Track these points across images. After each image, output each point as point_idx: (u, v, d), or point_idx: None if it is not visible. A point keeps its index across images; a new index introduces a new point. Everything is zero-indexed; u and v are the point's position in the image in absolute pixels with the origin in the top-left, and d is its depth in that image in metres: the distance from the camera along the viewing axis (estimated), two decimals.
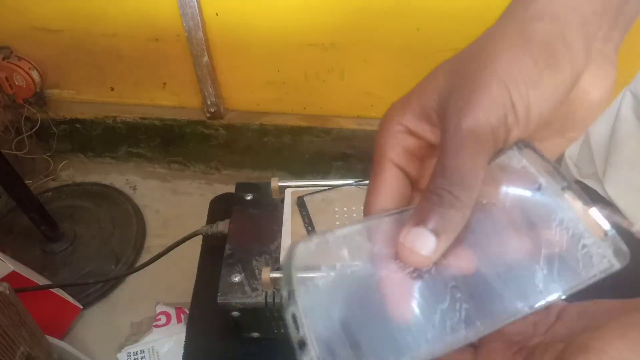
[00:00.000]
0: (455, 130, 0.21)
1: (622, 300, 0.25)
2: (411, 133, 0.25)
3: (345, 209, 0.59)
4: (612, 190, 0.59)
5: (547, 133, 0.25)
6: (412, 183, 0.26)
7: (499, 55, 0.22)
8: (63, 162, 1.53)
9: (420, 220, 0.22)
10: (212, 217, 0.73)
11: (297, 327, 0.21)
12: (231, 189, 0.68)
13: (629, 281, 0.55)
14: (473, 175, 0.22)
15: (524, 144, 0.24)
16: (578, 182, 0.66)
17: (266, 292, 0.54)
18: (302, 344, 0.21)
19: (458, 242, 0.23)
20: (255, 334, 0.61)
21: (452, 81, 0.23)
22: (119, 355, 1.07)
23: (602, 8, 0.24)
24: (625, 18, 0.25)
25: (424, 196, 0.22)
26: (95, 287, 1.22)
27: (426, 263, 0.22)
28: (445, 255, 0.23)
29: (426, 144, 0.25)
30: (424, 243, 0.22)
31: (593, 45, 0.24)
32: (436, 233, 0.22)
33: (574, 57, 0.23)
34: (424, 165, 0.26)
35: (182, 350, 0.63)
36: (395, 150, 0.25)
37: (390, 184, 0.25)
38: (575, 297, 0.25)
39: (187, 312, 1.03)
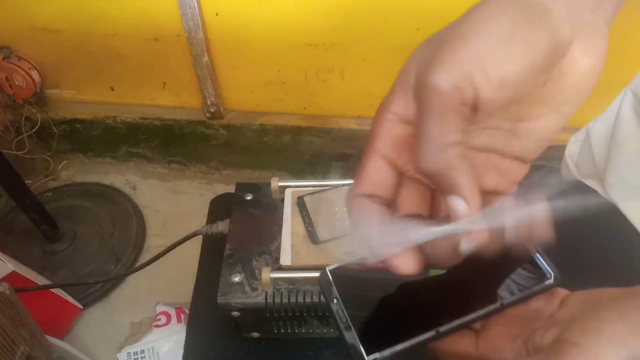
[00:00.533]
0: (421, 89, 0.22)
1: (624, 288, 0.26)
2: (401, 120, 0.24)
3: (345, 208, 0.59)
4: (613, 189, 0.59)
5: (541, 109, 0.25)
6: (400, 172, 0.26)
7: (473, 16, 0.22)
8: (63, 162, 1.53)
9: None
10: (212, 217, 0.73)
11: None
12: (231, 189, 0.68)
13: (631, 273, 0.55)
14: (442, 131, 0.21)
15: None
16: (578, 182, 0.66)
17: (266, 292, 0.54)
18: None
19: None
20: (255, 334, 0.61)
21: (429, 51, 0.23)
22: (119, 355, 1.07)
23: None
24: None
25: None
26: (95, 287, 1.22)
27: (468, 214, 0.23)
28: None
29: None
30: (457, 206, 0.23)
31: (581, 15, 0.24)
32: (456, 194, 0.23)
33: (554, 22, 0.22)
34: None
35: (182, 350, 0.63)
36: (382, 140, 0.25)
37: (373, 174, 0.25)
38: (582, 283, 0.28)
39: (187, 312, 1.03)
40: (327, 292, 0.29)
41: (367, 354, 0.27)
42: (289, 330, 0.60)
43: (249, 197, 0.65)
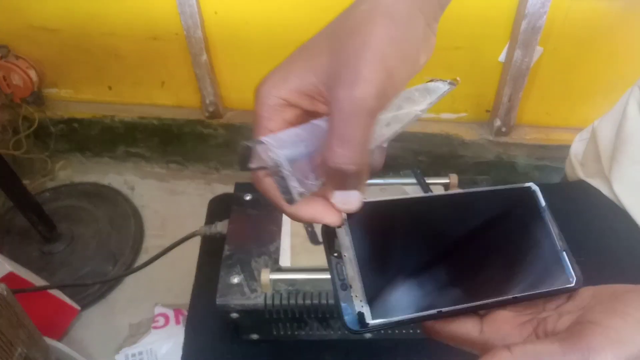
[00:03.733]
0: (349, 100, 0.25)
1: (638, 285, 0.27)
2: (290, 105, 0.28)
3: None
4: (619, 187, 0.59)
5: None
6: None
7: (376, 36, 0.26)
8: (61, 162, 1.53)
9: (337, 188, 0.28)
10: (211, 218, 0.73)
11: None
12: (230, 189, 0.68)
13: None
14: (366, 139, 0.26)
15: None
16: (582, 181, 0.66)
17: (265, 294, 0.54)
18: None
19: None
20: (255, 336, 0.60)
21: (336, 61, 0.26)
22: (117, 357, 1.07)
23: None
24: None
25: (326, 167, 0.26)
26: (94, 288, 1.22)
27: (359, 206, 0.29)
28: None
29: (301, 112, 0.29)
30: (352, 200, 0.28)
31: (428, 24, 0.30)
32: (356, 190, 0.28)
33: (419, 38, 0.29)
34: None
35: (180, 352, 0.63)
36: (274, 122, 0.28)
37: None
38: (587, 282, 0.29)
39: (186, 313, 1.03)
40: (329, 245, 0.30)
41: (374, 317, 0.28)
42: (289, 332, 0.59)
43: (248, 198, 0.65)
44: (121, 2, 1.17)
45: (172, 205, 1.45)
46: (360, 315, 0.27)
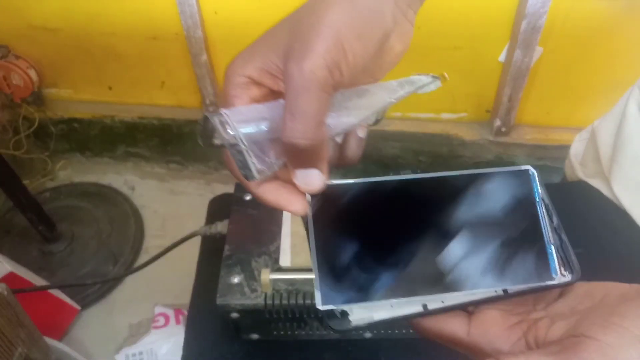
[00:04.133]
0: (298, 73, 0.25)
1: (635, 285, 0.26)
2: (255, 83, 0.29)
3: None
4: (618, 188, 0.59)
5: (363, 76, 0.31)
6: None
7: (332, 14, 0.27)
8: (61, 162, 1.53)
9: (296, 166, 0.28)
10: (211, 218, 0.73)
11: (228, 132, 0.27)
12: (230, 189, 0.68)
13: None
14: (318, 112, 0.26)
15: None
16: (582, 182, 0.66)
17: (265, 294, 0.54)
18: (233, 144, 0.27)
19: None
20: (255, 336, 0.61)
21: (292, 37, 0.27)
22: (117, 357, 1.06)
23: None
24: None
25: (284, 144, 0.26)
26: (94, 288, 1.22)
27: (322, 187, 0.29)
28: None
29: (268, 92, 0.29)
30: (313, 179, 0.28)
31: (400, 9, 0.30)
32: (316, 168, 0.28)
33: (385, 20, 0.29)
34: None
35: (180, 352, 0.63)
36: (241, 99, 0.29)
37: None
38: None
39: (186, 313, 1.03)
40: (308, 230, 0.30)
41: (323, 303, 0.27)
42: (289, 332, 0.60)
43: (248, 198, 0.65)
44: (121, 2, 1.17)
45: (172, 205, 1.45)
46: (317, 300, 0.28)
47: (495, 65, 1.17)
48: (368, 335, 0.58)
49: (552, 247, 0.28)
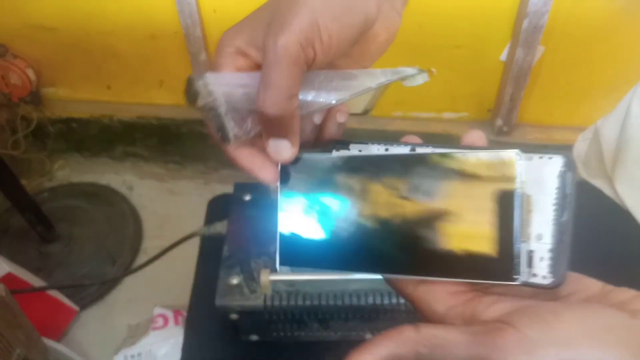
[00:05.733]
0: (273, 47, 0.27)
1: (608, 287, 0.25)
2: (242, 54, 0.31)
3: None
4: (622, 188, 0.59)
5: (347, 61, 0.33)
6: None
7: None
8: (59, 162, 1.53)
9: (269, 135, 0.30)
10: (210, 218, 0.73)
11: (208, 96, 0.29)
12: (229, 189, 0.68)
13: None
14: (288, 84, 0.27)
15: None
16: (584, 182, 0.66)
17: (265, 295, 0.54)
18: (210, 108, 0.29)
19: None
20: (254, 337, 0.61)
21: (273, 14, 0.29)
22: (115, 358, 1.06)
23: None
24: None
25: (259, 114, 0.29)
26: (92, 289, 1.22)
27: (291, 157, 0.30)
28: None
29: (253, 64, 0.31)
30: (282, 149, 0.30)
31: (387, 1, 0.32)
32: (286, 139, 0.30)
33: (367, 7, 0.30)
34: None
35: (179, 353, 0.63)
36: (228, 68, 0.31)
37: None
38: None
39: (185, 314, 1.03)
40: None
41: (282, 263, 0.31)
42: (288, 333, 0.60)
43: (247, 198, 0.65)
44: (120, 1, 1.17)
45: (171, 205, 1.45)
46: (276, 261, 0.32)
47: (497, 65, 1.17)
48: (368, 336, 0.58)
49: (521, 245, 0.25)
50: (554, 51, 1.12)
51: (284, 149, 0.30)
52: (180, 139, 1.43)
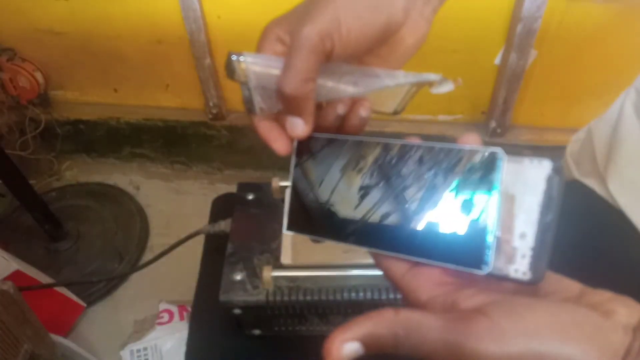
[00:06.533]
0: (297, 35, 0.30)
1: (588, 290, 0.26)
2: (280, 41, 0.33)
3: None
4: (614, 187, 0.59)
5: (375, 60, 0.35)
6: None
7: None
8: (67, 163, 1.54)
9: (286, 112, 0.33)
10: (214, 217, 0.73)
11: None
12: (233, 188, 0.69)
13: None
14: (305, 69, 0.30)
15: None
16: (577, 182, 0.66)
17: (267, 290, 0.55)
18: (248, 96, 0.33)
19: None
20: (257, 332, 0.61)
21: (304, 10, 0.32)
22: (122, 353, 1.07)
23: None
24: None
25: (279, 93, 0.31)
26: (99, 286, 1.22)
27: (303, 135, 0.33)
28: None
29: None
30: (296, 126, 0.33)
31: (414, 4, 0.34)
32: (301, 118, 0.32)
33: (392, 11, 0.32)
34: None
35: (184, 348, 0.63)
36: (267, 50, 0.34)
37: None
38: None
39: (190, 309, 1.04)
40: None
41: (288, 229, 0.35)
42: (290, 328, 0.60)
43: (250, 197, 0.66)
44: (126, 7, 1.17)
45: (176, 204, 1.46)
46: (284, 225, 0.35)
47: (491, 68, 1.18)
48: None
49: (494, 237, 0.26)
50: (547, 55, 1.12)
51: (297, 126, 0.33)
52: (185, 141, 1.44)
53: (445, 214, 0.28)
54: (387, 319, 0.25)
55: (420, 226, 0.29)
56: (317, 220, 0.33)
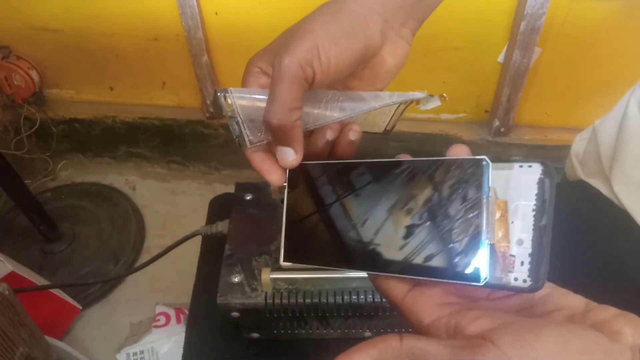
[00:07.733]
0: (277, 66, 0.31)
1: (592, 304, 0.26)
2: (264, 73, 0.35)
3: None
4: (619, 187, 0.59)
5: (359, 84, 0.37)
6: None
7: (315, 24, 0.32)
8: (62, 162, 1.54)
9: (276, 142, 0.34)
10: (212, 217, 0.73)
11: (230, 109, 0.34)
12: (231, 189, 0.68)
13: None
14: (290, 99, 0.31)
15: None
16: (581, 182, 0.66)
17: (266, 293, 0.54)
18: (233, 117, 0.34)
19: None
20: (255, 335, 0.61)
21: (285, 40, 0.33)
22: (118, 356, 1.07)
23: (401, 2, 0.35)
24: (422, 8, 0.37)
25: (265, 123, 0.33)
26: (95, 288, 1.22)
27: (294, 164, 0.34)
28: None
29: None
30: (286, 156, 0.34)
31: (391, 26, 0.35)
32: (290, 147, 0.33)
33: (369, 34, 0.33)
34: None
35: (181, 351, 0.63)
36: (252, 84, 0.35)
37: None
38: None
39: (187, 312, 1.03)
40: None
41: (284, 260, 0.35)
42: (289, 331, 0.60)
43: (248, 197, 0.65)
44: (122, 3, 1.17)
45: (173, 205, 1.45)
46: (280, 257, 0.35)
47: (495, 66, 1.18)
48: (368, 334, 0.59)
49: (488, 246, 0.26)
50: (551, 53, 1.12)
51: (289, 155, 0.34)
52: (182, 140, 1.44)
53: (437, 228, 0.28)
54: (391, 347, 0.25)
55: (417, 245, 0.29)
56: (317, 249, 0.33)
